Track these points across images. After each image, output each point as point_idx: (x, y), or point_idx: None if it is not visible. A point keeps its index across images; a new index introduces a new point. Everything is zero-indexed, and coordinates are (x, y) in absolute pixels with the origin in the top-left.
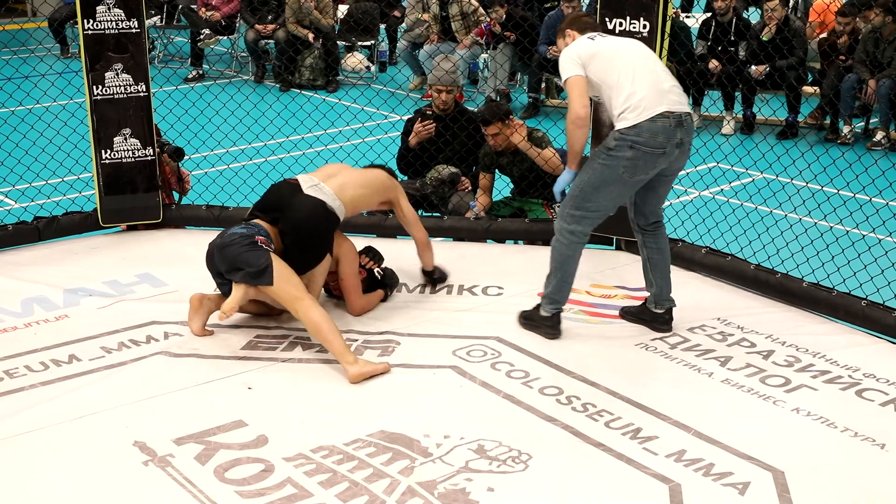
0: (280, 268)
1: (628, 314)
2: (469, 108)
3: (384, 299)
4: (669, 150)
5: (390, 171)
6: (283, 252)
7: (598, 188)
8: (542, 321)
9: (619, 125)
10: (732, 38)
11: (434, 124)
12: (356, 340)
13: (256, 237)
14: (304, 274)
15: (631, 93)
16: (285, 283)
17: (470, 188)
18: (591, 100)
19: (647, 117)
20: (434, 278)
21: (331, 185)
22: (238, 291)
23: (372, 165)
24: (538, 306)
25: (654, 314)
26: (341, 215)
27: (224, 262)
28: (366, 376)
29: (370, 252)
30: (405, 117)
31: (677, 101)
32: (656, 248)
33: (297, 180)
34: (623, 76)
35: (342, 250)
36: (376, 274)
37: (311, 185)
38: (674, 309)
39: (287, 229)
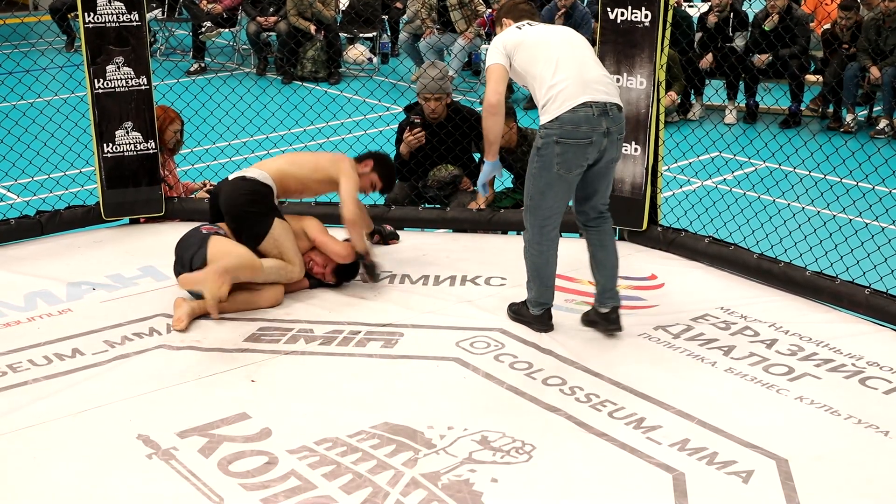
0: (216, 241)
1: (584, 319)
2: (463, 105)
3: (352, 270)
4: (597, 139)
5: (367, 152)
6: (235, 235)
7: (543, 192)
8: (534, 319)
9: (542, 119)
10: (730, 33)
11: (423, 132)
12: (359, 332)
13: (202, 227)
14: (264, 245)
15: (552, 84)
16: (223, 253)
17: (472, 188)
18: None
19: (567, 108)
20: (362, 263)
21: (256, 164)
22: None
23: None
24: (525, 302)
25: (600, 314)
26: (267, 180)
27: (178, 250)
28: (192, 284)
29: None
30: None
31: (603, 90)
32: (600, 245)
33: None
34: (546, 67)
35: (304, 224)
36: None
37: (239, 173)
38: (677, 295)
39: (223, 212)
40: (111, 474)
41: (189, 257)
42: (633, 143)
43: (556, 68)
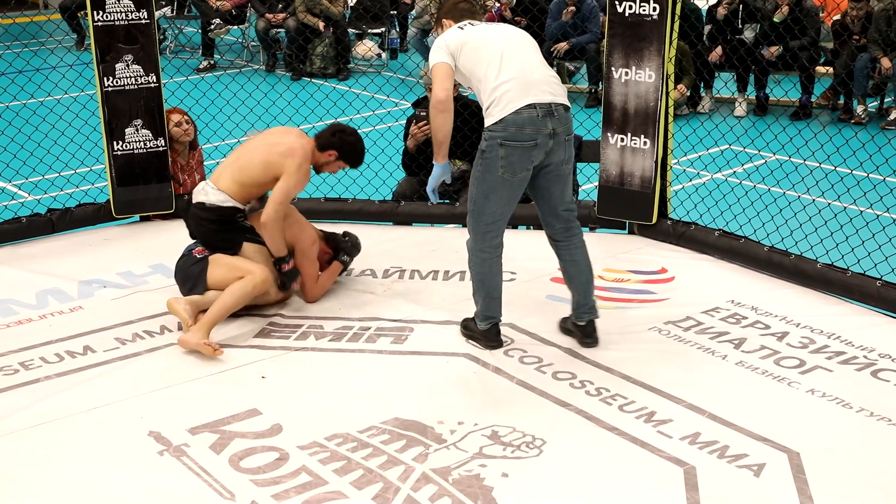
0: (214, 267)
1: (560, 325)
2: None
3: (343, 270)
4: (542, 140)
5: (329, 135)
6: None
7: (487, 196)
8: (481, 334)
9: (486, 122)
10: (739, 25)
11: (429, 126)
12: (369, 328)
13: (193, 251)
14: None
15: (495, 86)
16: (221, 275)
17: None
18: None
19: (511, 111)
20: (280, 270)
21: (214, 180)
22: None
23: (319, 134)
24: (474, 316)
25: (577, 326)
26: (229, 203)
27: (178, 276)
28: (188, 347)
29: (339, 241)
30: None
31: (548, 91)
32: (570, 260)
33: (191, 195)
34: (489, 68)
35: (297, 239)
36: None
37: (198, 190)
38: (688, 288)
39: (200, 241)
40: (122, 471)
41: (188, 289)
42: (643, 136)
43: (499, 70)
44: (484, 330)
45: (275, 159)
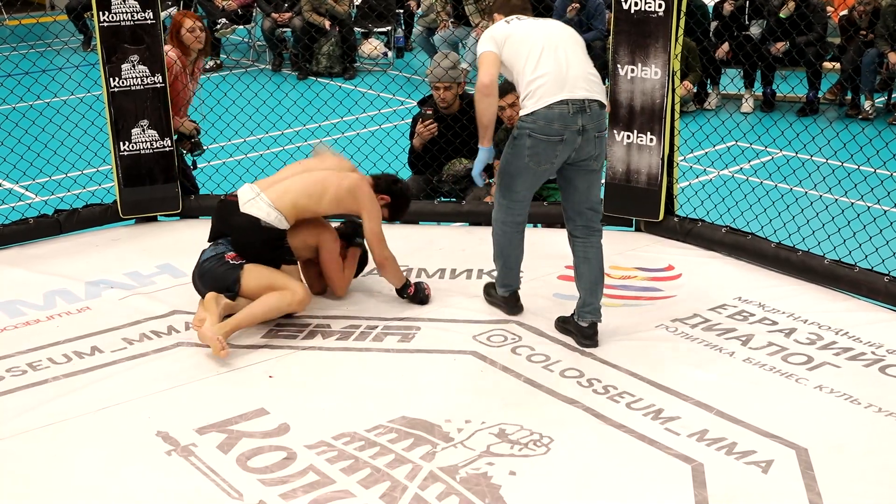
0: (250, 275)
1: (558, 323)
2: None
3: (363, 256)
4: (569, 136)
5: (388, 182)
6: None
7: (513, 176)
8: (501, 300)
9: (521, 112)
10: (745, 21)
11: (435, 124)
12: (376, 327)
13: (226, 255)
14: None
15: (531, 80)
16: (256, 287)
17: (488, 179)
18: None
19: (543, 105)
20: (407, 296)
21: (270, 193)
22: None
23: (378, 177)
24: (495, 282)
25: (577, 326)
26: (282, 224)
27: (202, 280)
28: (204, 339)
29: (343, 229)
30: None
31: (583, 87)
32: (584, 258)
33: (235, 196)
34: (528, 62)
35: (321, 239)
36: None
37: (249, 199)
38: (695, 286)
39: (238, 248)
40: (131, 471)
41: (216, 280)
42: (649, 133)
43: (536, 64)
44: (504, 297)
45: (344, 195)
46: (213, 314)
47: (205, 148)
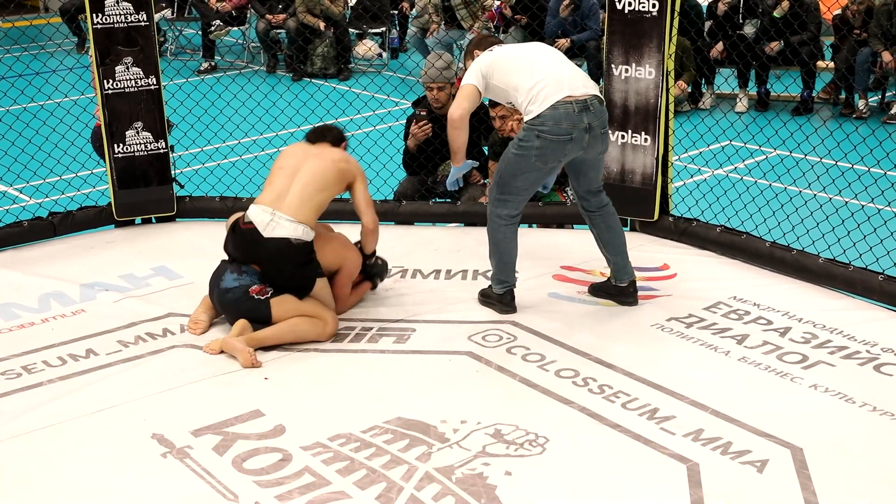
0: (280, 308)
1: (594, 289)
2: None
3: (373, 288)
4: (577, 135)
5: (341, 137)
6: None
7: (515, 175)
8: (497, 298)
9: (525, 118)
10: (739, 20)
11: (430, 125)
12: (371, 328)
13: (250, 290)
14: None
15: (530, 86)
16: (288, 315)
17: (482, 181)
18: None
19: (548, 105)
20: (367, 265)
21: (287, 210)
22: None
23: (323, 131)
24: (490, 280)
25: (618, 288)
26: (309, 235)
27: (226, 311)
28: (227, 347)
29: (373, 269)
30: None
31: (581, 85)
32: (605, 227)
33: (251, 223)
34: (523, 74)
35: (346, 261)
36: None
37: (268, 221)
38: (690, 285)
39: (270, 278)
40: (126, 473)
41: (243, 313)
42: (643, 133)
43: (532, 72)
44: (500, 294)
45: (343, 166)
46: (237, 329)
47: None
